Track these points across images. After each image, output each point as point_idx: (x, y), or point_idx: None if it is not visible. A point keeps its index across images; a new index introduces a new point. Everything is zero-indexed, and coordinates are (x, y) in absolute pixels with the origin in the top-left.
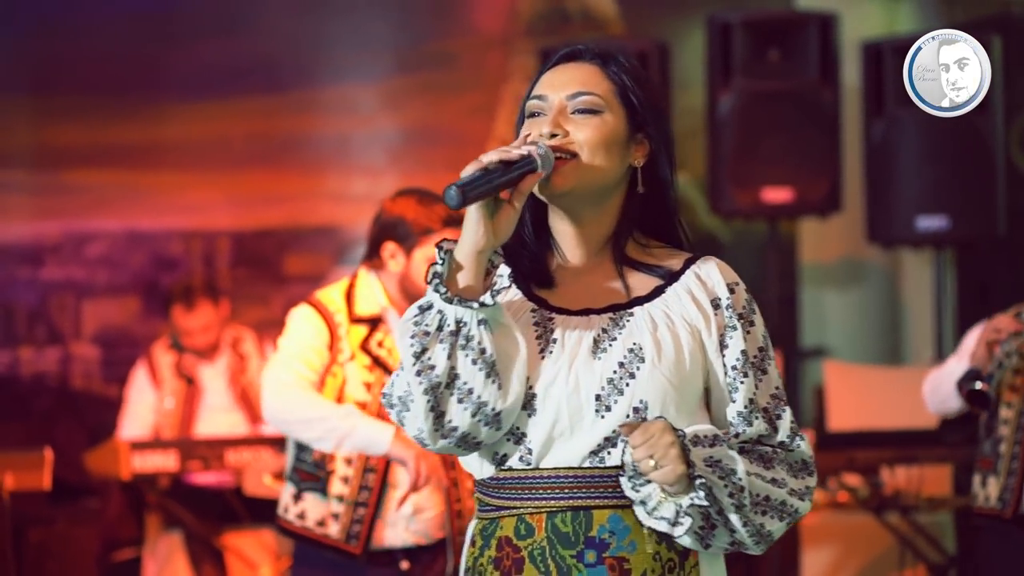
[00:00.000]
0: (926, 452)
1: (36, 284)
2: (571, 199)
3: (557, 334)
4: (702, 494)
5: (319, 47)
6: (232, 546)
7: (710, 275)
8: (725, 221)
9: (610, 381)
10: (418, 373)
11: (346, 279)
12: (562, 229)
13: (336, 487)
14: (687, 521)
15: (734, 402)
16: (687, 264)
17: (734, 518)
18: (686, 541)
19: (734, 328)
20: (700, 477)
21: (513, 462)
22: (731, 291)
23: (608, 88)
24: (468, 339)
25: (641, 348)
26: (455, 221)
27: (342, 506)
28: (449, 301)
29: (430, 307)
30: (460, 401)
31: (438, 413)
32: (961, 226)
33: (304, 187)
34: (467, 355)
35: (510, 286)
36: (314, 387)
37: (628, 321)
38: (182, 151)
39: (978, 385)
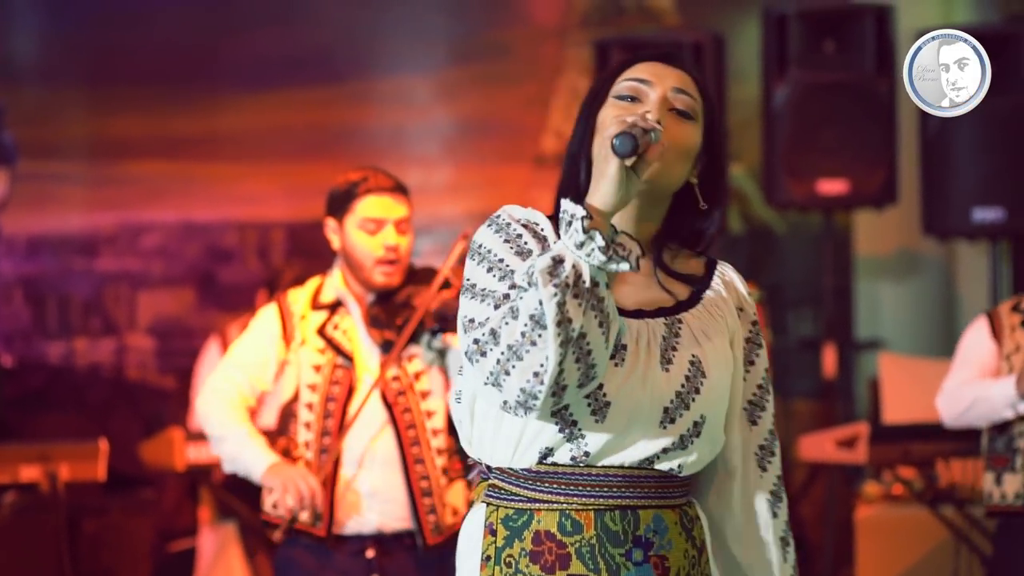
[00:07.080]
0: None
1: (91, 275)
2: (641, 191)
3: (626, 339)
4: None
5: (374, 38)
6: None
7: (734, 281)
8: (780, 213)
9: (678, 395)
10: (558, 324)
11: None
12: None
13: None
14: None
15: (760, 420)
16: (709, 269)
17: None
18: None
19: (760, 346)
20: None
21: (560, 457)
22: (749, 300)
23: (700, 101)
24: (599, 299)
25: (701, 362)
26: (378, 188)
27: None
28: (589, 256)
29: (562, 260)
30: (577, 360)
31: (560, 369)
32: (1017, 218)
33: None
34: (595, 316)
35: None
36: (242, 395)
37: (681, 329)
38: (237, 142)
39: None
